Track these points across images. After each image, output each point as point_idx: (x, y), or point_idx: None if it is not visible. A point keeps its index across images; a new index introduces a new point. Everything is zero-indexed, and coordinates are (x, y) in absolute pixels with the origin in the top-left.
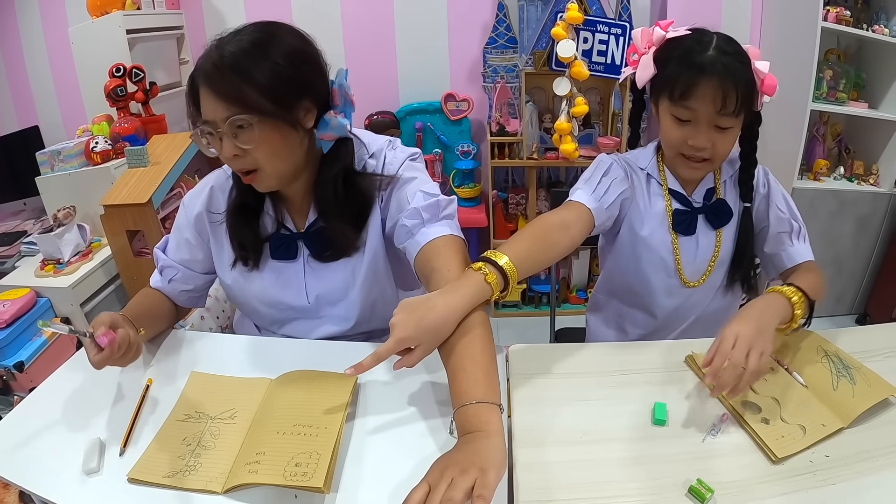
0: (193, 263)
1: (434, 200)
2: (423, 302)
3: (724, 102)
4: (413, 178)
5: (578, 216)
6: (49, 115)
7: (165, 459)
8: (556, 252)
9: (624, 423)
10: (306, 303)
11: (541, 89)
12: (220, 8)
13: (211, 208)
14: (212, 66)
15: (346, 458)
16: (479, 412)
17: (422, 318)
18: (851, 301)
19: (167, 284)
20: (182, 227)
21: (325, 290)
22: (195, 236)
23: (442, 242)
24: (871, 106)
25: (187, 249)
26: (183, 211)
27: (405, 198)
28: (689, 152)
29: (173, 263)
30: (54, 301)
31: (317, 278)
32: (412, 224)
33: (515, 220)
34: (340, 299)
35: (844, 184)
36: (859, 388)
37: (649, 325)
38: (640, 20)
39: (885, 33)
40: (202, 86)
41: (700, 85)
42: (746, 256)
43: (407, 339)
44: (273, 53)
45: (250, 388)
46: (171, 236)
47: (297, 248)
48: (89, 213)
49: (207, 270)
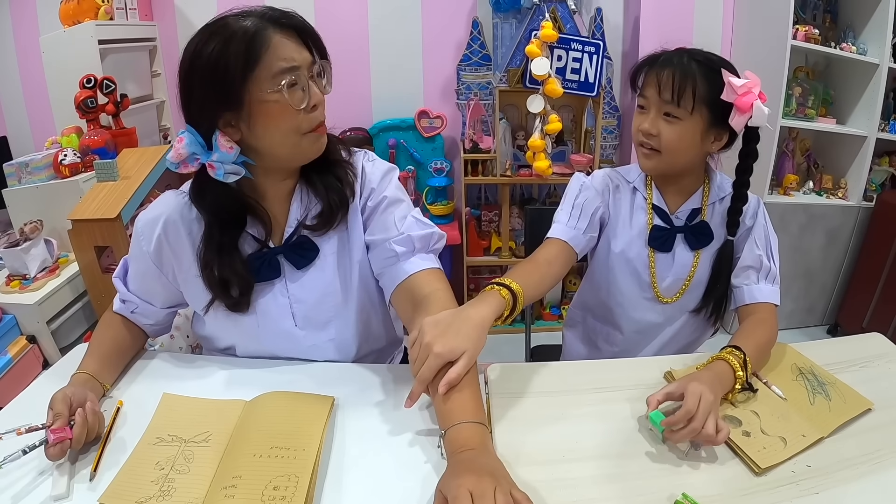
0: (153, 297)
1: (429, 232)
2: (454, 315)
3: (669, 89)
4: (401, 199)
5: (559, 251)
6: (17, 126)
7: (138, 484)
8: (549, 282)
9: (605, 441)
10: (293, 326)
11: (514, 107)
12: (193, 21)
13: (169, 241)
14: (286, 16)
15: (326, 480)
16: (472, 432)
17: (459, 329)
18: (822, 312)
19: (130, 314)
20: (138, 258)
21: (311, 308)
22: (155, 270)
23: (431, 273)
24: (839, 122)
25: (146, 282)
26: (137, 242)
27: (392, 221)
28: (640, 139)
29: (132, 297)
30: (20, 318)
31: (301, 292)
32: (402, 251)
33: (489, 238)
34: (330, 319)
35: (814, 198)
36: (835, 404)
37: (621, 340)
38: (613, 39)
39: (852, 51)
40: (280, 32)
41: (652, 73)
42: (720, 284)
43: (448, 353)
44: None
45: (224, 410)
46: (129, 265)
47: (278, 265)
48: (57, 228)
49: (168, 305)
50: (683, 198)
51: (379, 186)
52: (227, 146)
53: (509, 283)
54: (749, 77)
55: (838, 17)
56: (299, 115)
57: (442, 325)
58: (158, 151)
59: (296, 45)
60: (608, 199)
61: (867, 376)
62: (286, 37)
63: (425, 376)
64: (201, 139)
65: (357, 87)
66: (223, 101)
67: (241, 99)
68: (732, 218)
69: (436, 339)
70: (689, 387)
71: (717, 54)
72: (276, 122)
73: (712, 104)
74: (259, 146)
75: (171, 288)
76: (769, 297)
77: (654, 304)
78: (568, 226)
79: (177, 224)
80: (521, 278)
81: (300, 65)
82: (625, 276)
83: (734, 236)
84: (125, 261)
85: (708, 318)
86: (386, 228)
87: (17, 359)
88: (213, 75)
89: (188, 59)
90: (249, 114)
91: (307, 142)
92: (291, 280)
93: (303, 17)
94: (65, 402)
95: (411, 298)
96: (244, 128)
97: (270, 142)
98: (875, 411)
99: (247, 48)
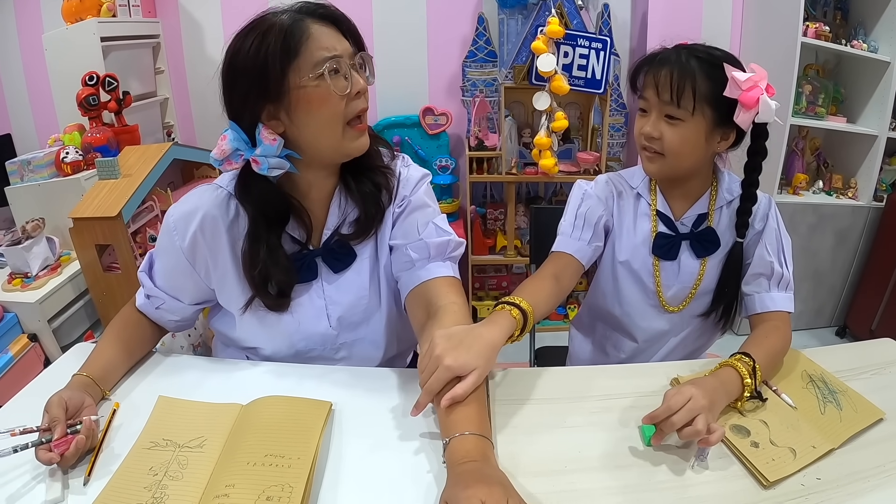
0: (181, 293)
1: (445, 240)
2: (467, 332)
3: (668, 90)
4: (427, 205)
5: (566, 264)
6: (22, 124)
7: (130, 491)
8: (558, 298)
9: (609, 451)
10: (328, 328)
11: (520, 104)
12: (196, 17)
13: (206, 237)
14: (323, 7)
15: (321, 489)
16: (475, 443)
17: (472, 346)
18: (831, 314)
19: (154, 311)
20: (169, 252)
21: (346, 310)
22: (187, 266)
23: (447, 282)
24: (849, 120)
25: (175, 278)
26: (168, 236)
27: (414, 226)
28: (643, 142)
29: (159, 293)
30: (21, 316)
31: (336, 294)
32: (416, 257)
33: (494, 236)
34: (362, 321)
35: (823, 198)
36: (846, 414)
37: (630, 348)
38: (620, 35)
39: (863, 48)
40: (319, 23)
41: (650, 74)
42: (729, 291)
43: (458, 368)
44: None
45: (220, 415)
46: (156, 260)
47: (316, 267)
48: (59, 226)
49: (196, 301)
50: (689, 202)
51: (411, 192)
52: (270, 138)
53: (519, 301)
54: (755, 70)
55: (849, 13)
56: (342, 103)
57: (455, 339)
58: (161, 149)
59: (336, 35)
60: (611, 207)
61: (879, 384)
62: (325, 27)
63: (433, 388)
64: (244, 135)
65: None
66: (265, 93)
67: (282, 89)
68: (742, 219)
69: (447, 352)
70: (681, 389)
71: (719, 48)
72: (318, 110)
73: (716, 102)
74: (301, 138)
75: (202, 285)
76: (782, 305)
77: (661, 313)
78: (572, 238)
79: (216, 220)
80: (530, 296)
81: (341, 54)
82: (629, 285)
83: (743, 238)
84: (150, 255)
85: (717, 322)
86: (407, 233)
87: (18, 357)
88: (254, 68)
89: (228, 58)
90: (291, 103)
91: (350, 136)
92: (328, 282)
93: (339, 9)
94: (61, 406)
95: (424, 306)
96: (286, 119)
97: (314, 131)
98: (887, 421)
99: (285, 39)
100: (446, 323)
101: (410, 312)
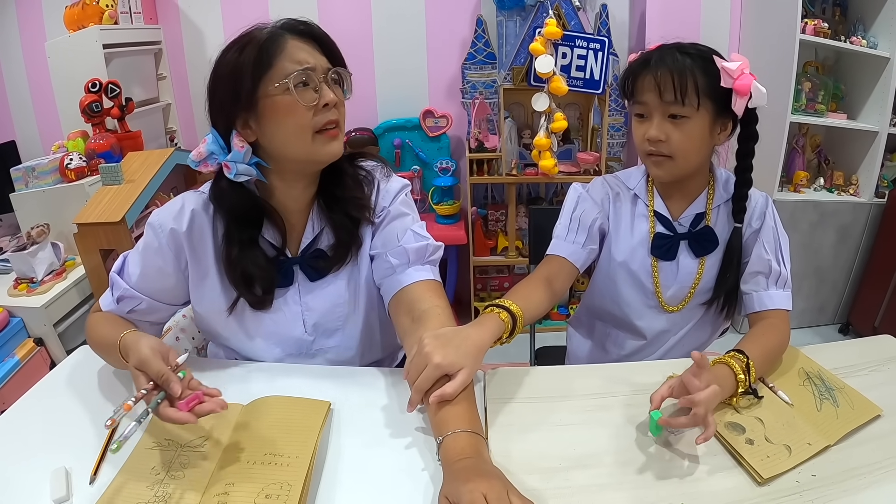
0: (162, 294)
1: (423, 244)
2: (455, 333)
3: (671, 89)
4: (405, 214)
5: (559, 268)
6: (26, 130)
7: (133, 490)
8: (550, 301)
9: (606, 448)
10: (303, 333)
11: (519, 105)
12: (197, 23)
13: (192, 236)
14: (304, 24)
15: (319, 488)
16: (469, 441)
17: (460, 346)
18: (834, 311)
19: (126, 314)
20: (151, 250)
21: (322, 316)
22: (171, 261)
23: (428, 286)
24: (849, 117)
25: (157, 278)
26: (152, 232)
27: (394, 234)
28: (649, 148)
29: (136, 294)
30: (27, 321)
31: (313, 301)
32: (396, 263)
33: (495, 237)
34: (338, 328)
35: (824, 195)
36: (843, 411)
37: (629, 345)
38: (619, 35)
39: (862, 45)
40: (297, 38)
41: (646, 77)
42: (730, 276)
43: (447, 366)
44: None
45: (221, 415)
46: (131, 260)
47: (293, 274)
48: (63, 231)
49: (175, 302)
50: (687, 202)
51: (390, 203)
52: (239, 145)
53: (509, 304)
54: (737, 59)
55: (848, 10)
56: (309, 113)
57: (443, 339)
58: (163, 154)
59: (311, 50)
60: (607, 209)
61: (877, 381)
62: (302, 42)
63: (422, 386)
64: (221, 141)
65: (362, 88)
66: (238, 101)
67: (254, 99)
68: (738, 204)
69: (436, 351)
70: (702, 375)
71: (701, 44)
72: (285, 119)
73: (714, 94)
74: (271, 146)
75: (181, 287)
76: (780, 303)
77: (660, 313)
78: (566, 241)
79: (201, 220)
80: (521, 299)
81: (314, 67)
82: (628, 285)
83: (741, 223)
84: (124, 257)
85: (719, 311)
86: (386, 242)
87: (24, 361)
88: (230, 78)
89: (213, 67)
90: (260, 112)
91: (319, 142)
92: (305, 289)
93: (320, 28)
94: (157, 357)
95: (408, 310)
96: (257, 127)
97: (282, 139)
98: (884, 418)
99: (260, 51)
100: (432, 326)
101: (394, 318)
